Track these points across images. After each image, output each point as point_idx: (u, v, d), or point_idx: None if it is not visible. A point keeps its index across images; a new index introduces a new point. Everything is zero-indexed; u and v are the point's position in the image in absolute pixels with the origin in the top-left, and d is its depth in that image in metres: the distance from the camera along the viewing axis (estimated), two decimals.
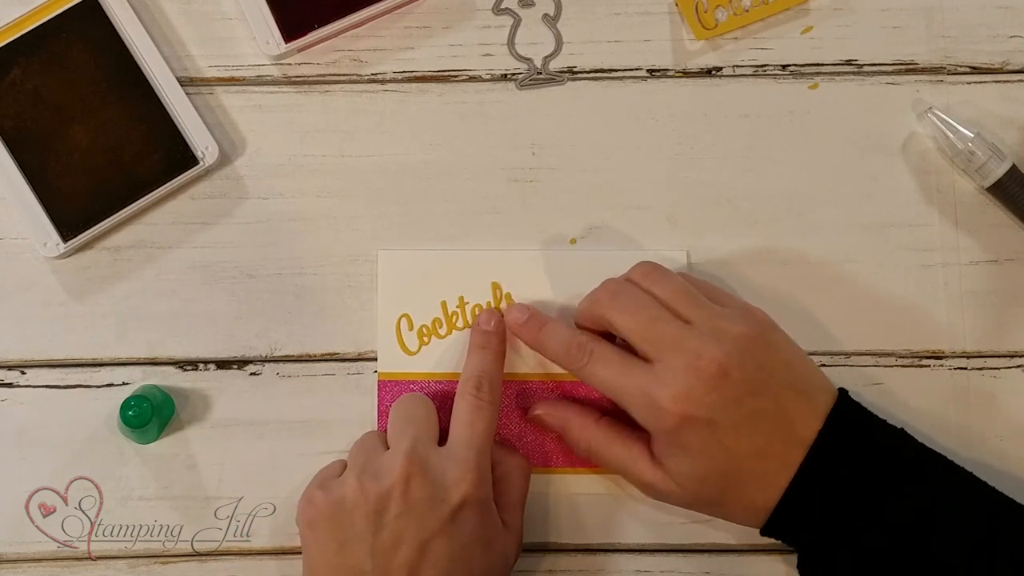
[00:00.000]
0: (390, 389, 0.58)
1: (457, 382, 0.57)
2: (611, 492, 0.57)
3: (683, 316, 0.52)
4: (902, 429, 0.52)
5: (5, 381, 0.58)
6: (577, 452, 0.56)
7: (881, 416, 0.53)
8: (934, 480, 0.51)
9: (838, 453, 0.50)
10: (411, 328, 0.58)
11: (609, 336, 0.54)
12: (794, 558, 0.57)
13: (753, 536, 0.57)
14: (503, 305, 0.58)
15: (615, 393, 0.52)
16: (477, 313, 0.58)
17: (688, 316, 0.52)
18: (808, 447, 0.50)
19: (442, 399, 0.57)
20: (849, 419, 0.51)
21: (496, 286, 0.58)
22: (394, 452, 0.51)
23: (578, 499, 0.58)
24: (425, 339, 0.58)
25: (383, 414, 0.58)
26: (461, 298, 0.58)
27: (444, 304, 0.58)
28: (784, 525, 0.51)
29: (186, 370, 0.58)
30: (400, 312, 0.58)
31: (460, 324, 0.58)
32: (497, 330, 0.56)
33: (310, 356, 0.59)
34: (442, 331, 0.58)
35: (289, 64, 0.60)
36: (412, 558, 0.49)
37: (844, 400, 0.52)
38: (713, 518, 0.54)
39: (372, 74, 0.60)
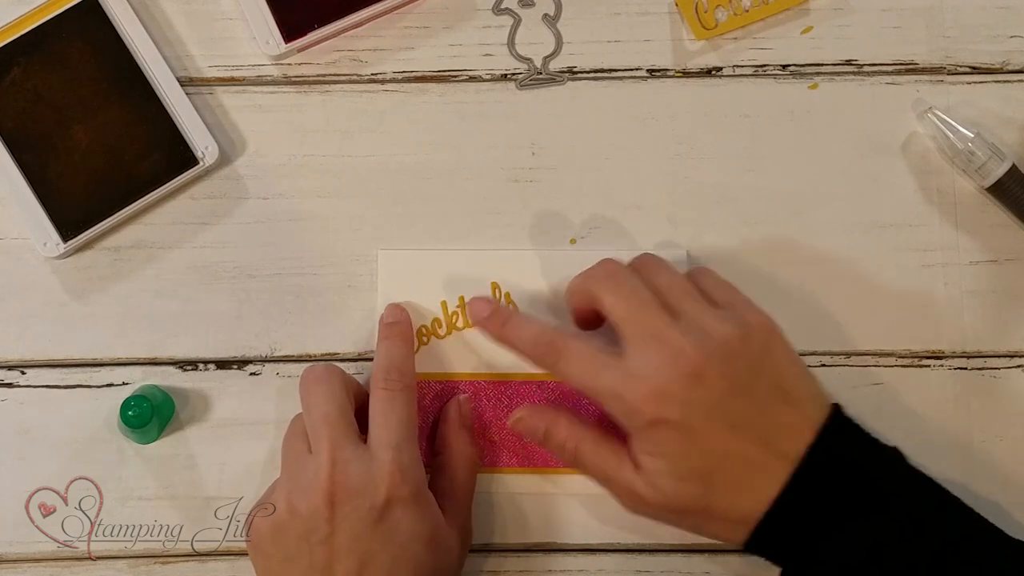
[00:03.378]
0: None
1: (458, 382, 0.57)
2: None
3: (674, 309, 0.51)
4: (895, 448, 0.51)
5: (5, 381, 0.58)
6: (561, 455, 0.54)
7: (879, 424, 0.52)
8: (923, 504, 0.50)
9: (827, 470, 0.49)
10: (411, 328, 0.58)
11: (596, 319, 0.54)
12: None
13: None
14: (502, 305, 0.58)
15: (589, 391, 0.52)
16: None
17: (679, 309, 0.51)
18: (794, 460, 0.49)
19: (441, 400, 0.57)
20: (842, 436, 0.51)
21: (496, 286, 0.58)
22: (316, 462, 0.51)
23: (579, 499, 0.58)
24: (424, 339, 0.58)
25: None
26: (461, 298, 0.58)
27: (444, 304, 0.58)
28: (767, 540, 0.50)
29: (186, 370, 0.58)
30: None
31: (460, 324, 0.58)
32: (399, 319, 0.56)
33: (310, 356, 0.59)
34: (442, 331, 0.58)
35: (289, 64, 0.60)
36: (352, 569, 0.49)
37: (837, 414, 0.51)
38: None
39: (372, 74, 0.60)
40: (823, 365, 0.58)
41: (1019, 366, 0.59)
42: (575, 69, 0.61)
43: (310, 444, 0.52)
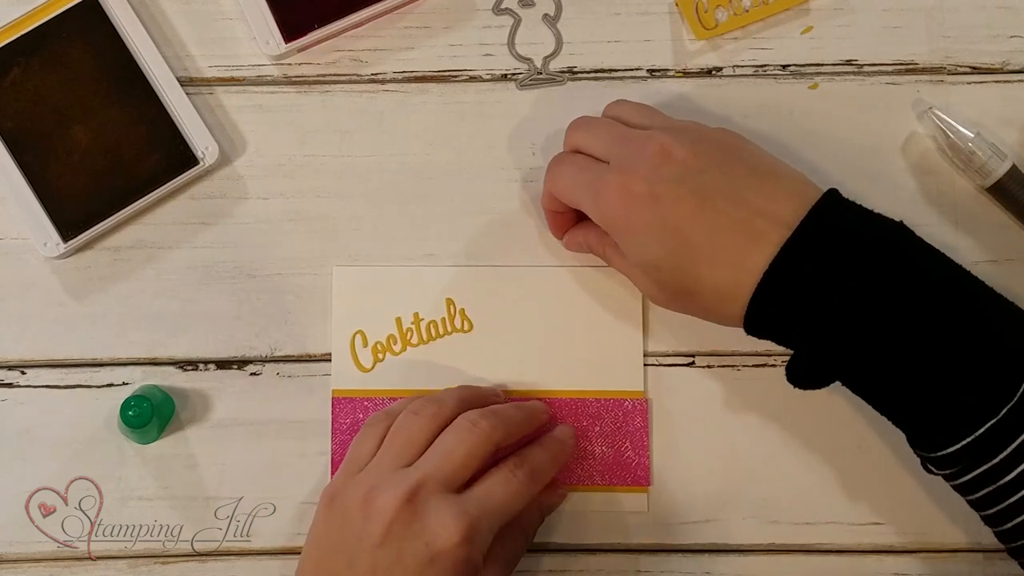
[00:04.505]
0: (344, 406, 0.58)
1: (412, 399, 0.55)
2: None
3: (641, 125, 0.53)
4: (901, 222, 0.49)
5: (5, 381, 0.58)
6: (603, 260, 0.56)
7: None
8: (932, 270, 0.47)
9: (823, 237, 0.47)
10: (365, 344, 0.58)
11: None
12: (793, 558, 0.57)
13: (753, 536, 0.57)
14: (456, 321, 0.58)
15: (573, 193, 0.53)
16: (433, 332, 0.58)
17: (647, 124, 0.53)
18: (785, 227, 0.47)
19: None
20: (839, 207, 0.48)
21: (450, 302, 0.58)
22: (401, 480, 0.50)
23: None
24: (380, 355, 0.58)
25: (337, 432, 0.57)
26: (416, 314, 0.58)
27: (399, 320, 0.58)
28: (766, 316, 0.48)
29: (186, 370, 0.58)
30: (354, 328, 0.58)
31: (415, 341, 0.58)
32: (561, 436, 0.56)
33: (310, 356, 0.59)
34: (396, 348, 0.58)
35: (289, 64, 0.60)
36: None
37: (833, 192, 0.49)
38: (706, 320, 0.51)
39: (372, 74, 0.60)
40: None
41: None
42: (575, 69, 0.60)
43: (422, 439, 0.52)
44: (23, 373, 0.58)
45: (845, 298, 0.46)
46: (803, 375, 0.49)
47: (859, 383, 0.48)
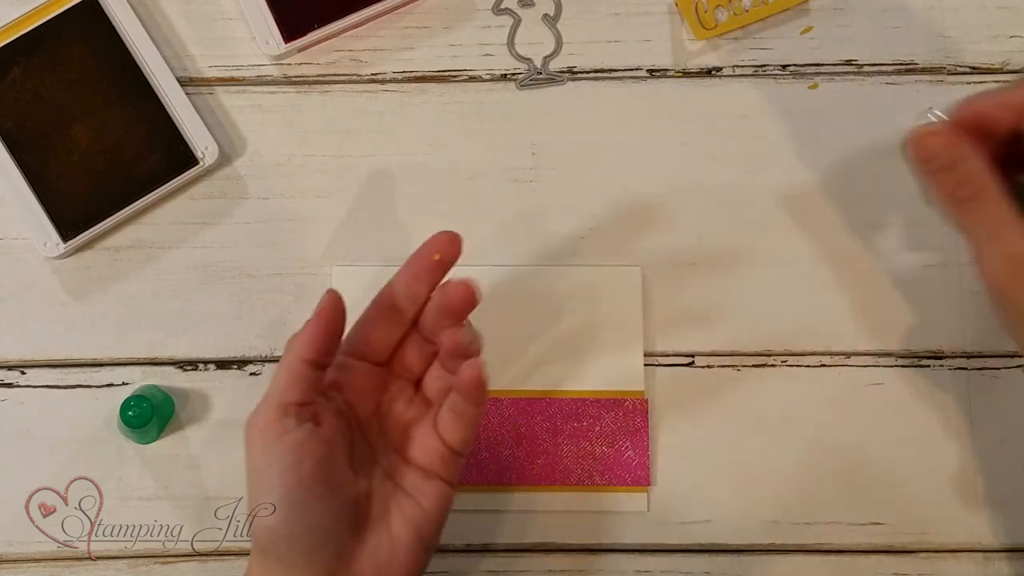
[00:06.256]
0: None
1: None
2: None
3: None
4: None
5: (5, 381, 0.58)
6: (951, 193, 0.47)
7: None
8: None
9: None
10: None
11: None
12: (793, 558, 0.57)
13: (753, 536, 0.57)
14: None
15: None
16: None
17: None
18: None
19: None
20: None
21: None
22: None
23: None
24: None
25: None
26: None
27: None
28: None
29: (186, 370, 0.59)
30: None
31: None
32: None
33: None
34: None
35: (289, 64, 0.60)
36: None
37: None
38: None
39: (372, 74, 0.60)
40: (823, 365, 0.58)
41: (1019, 366, 0.58)
42: (575, 69, 0.61)
43: None
44: (23, 373, 0.58)
45: None
46: None
47: None
